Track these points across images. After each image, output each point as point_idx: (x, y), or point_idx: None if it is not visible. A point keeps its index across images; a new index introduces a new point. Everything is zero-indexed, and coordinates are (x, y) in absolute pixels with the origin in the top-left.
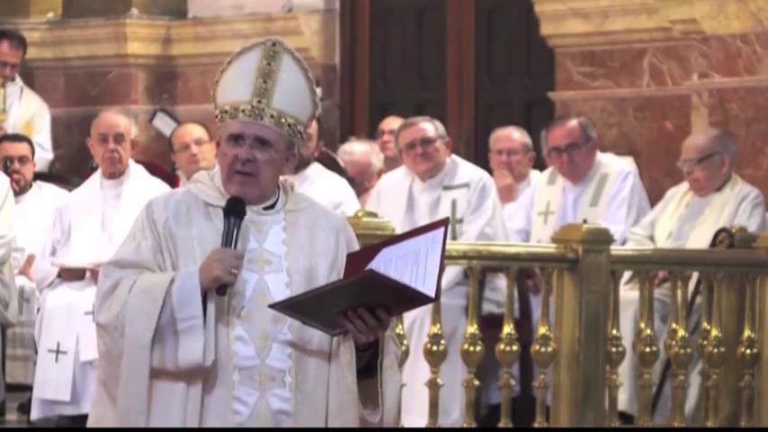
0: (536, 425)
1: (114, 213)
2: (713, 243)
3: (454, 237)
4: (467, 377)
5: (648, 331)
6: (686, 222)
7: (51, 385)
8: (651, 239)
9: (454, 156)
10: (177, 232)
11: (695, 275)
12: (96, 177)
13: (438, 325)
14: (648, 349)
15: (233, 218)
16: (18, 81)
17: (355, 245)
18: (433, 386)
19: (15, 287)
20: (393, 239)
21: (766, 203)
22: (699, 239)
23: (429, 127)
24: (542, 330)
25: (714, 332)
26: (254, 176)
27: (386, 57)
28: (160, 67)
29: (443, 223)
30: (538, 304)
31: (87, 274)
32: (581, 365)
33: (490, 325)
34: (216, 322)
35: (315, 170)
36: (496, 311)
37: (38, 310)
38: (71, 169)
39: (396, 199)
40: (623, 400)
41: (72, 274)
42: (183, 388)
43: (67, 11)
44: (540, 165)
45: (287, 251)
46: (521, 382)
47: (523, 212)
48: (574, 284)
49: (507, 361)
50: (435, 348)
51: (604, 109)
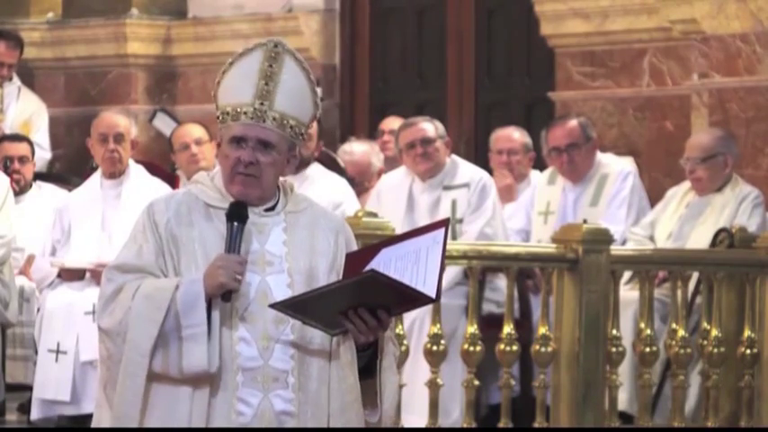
0: (536, 425)
1: (114, 213)
2: (713, 243)
3: (454, 237)
4: (467, 377)
5: (648, 331)
6: (686, 222)
7: (51, 385)
8: (651, 239)
9: (454, 156)
10: (179, 234)
11: (695, 275)
12: (96, 177)
13: (438, 325)
14: (648, 349)
15: (236, 223)
16: (16, 81)
17: (354, 245)
18: (433, 386)
19: (15, 287)
20: (393, 240)
21: (766, 203)
22: (699, 239)
23: (429, 127)
24: (542, 330)
25: (714, 332)
26: (256, 178)
27: (386, 57)
28: (160, 67)
29: (444, 224)
30: (538, 304)
31: (87, 275)
32: (581, 365)
33: (490, 325)
34: (219, 324)
35: (315, 170)
36: (496, 311)
37: (38, 310)
38: (71, 169)
39: (396, 199)
40: (623, 400)
41: (72, 275)
42: (189, 392)
43: (67, 11)
44: (540, 165)
45: (288, 252)
46: (521, 382)
47: (523, 212)
48: (574, 284)
49: (507, 361)
50: (435, 348)
51: (604, 109)
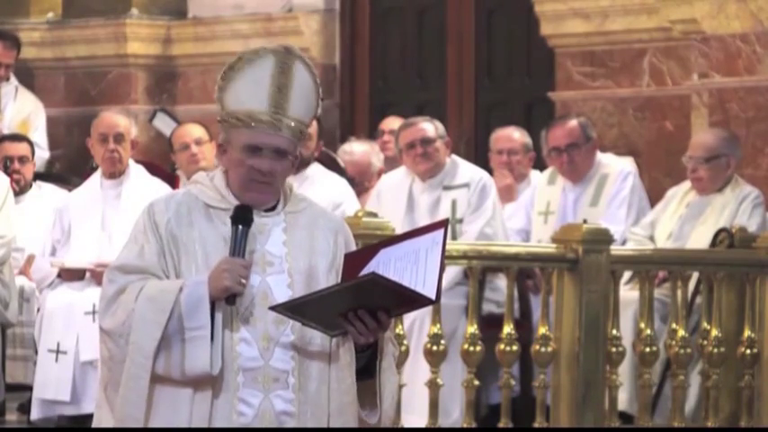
0: (536, 425)
1: (114, 213)
2: (713, 243)
3: (454, 237)
4: (467, 377)
5: (648, 331)
6: (686, 222)
7: (51, 385)
8: (651, 239)
9: (454, 156)
10: (179, 234)
11: (695, 275)
12: (96, 177)
13: (438, 325)
14: (648, 349)
15: (241, 226)
16: (13, 80)
17: (353, 245)
18: (433, 386)
19: (15, 287)
20: (392, 240)
21: (766, 203)
22: (699, 239)
23: (429, 127)
24: (542, 330)
25: (714, 332)
26: (270, 185)
27: (386, 57)
28: (160, 67)
29: (443, 224)
30: (538, 304)
31: (87, 275)
32: (581, 365)
33: (490, 325)
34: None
35: (315, 170)
36: (496, 311)
37: (38, 310)
38: (71, 169)
39: (396, 199)
40: (623, 400)
41: (72, 275)
42: (191, 393)
43: (67, 11)
44: (540, 165)
45: (287, 252)
46: (521, 382)
47: (523, 212)
48: (574, 284)
49: (507, 361)
50: (435, 348)
51: (604, 109)
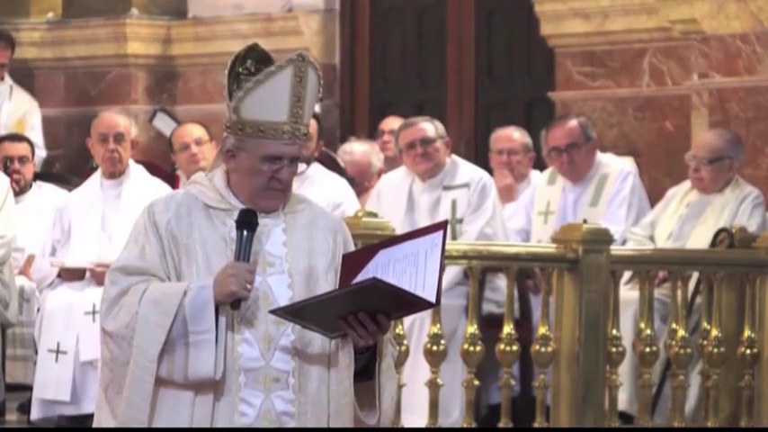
0: (536, 425)
1: (114, 213)
2: (713, 243)
3: (454, 237)
4: (467, 377)
5: (648, 331)
6: (687, 222)
7: (51, 385)
8: (651, 239)
9: (454, 156)
10: (179, 234)
11: (695, 275)
12: (96, 177)
13: (438, 325)
14: (648, 349)
15: (246, 231)
16: (8, 80)
17: (351, 245)
18: (433, 386)
19: (15, 287)
20: (391, 241)
21: (766, 203)
22: (699, 239)
23: (429, 127)
24: (542, 330)
25: (714, 332)
26: (286, 192)
27: (386, 57)
28: (160, 67)
29: (442, 226)
30: (538, 304)
31: (87, 274)
32: (581, 365)
33: (490, 325)
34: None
35: (315, 170)
36: (496, 311)
37: (38, 310)
38: (71, 169)
39: (396, 199)
40: (623, 400)
41: (72, 274)
42: (193, 395)
43: (67, 11)
44: (540, 165)
45: (287, 252)
46: (521, 382)
47: (523, 212)
48: (574, 284)
49: (507, 361)
50: (435, 348)
51: (604, 109)
